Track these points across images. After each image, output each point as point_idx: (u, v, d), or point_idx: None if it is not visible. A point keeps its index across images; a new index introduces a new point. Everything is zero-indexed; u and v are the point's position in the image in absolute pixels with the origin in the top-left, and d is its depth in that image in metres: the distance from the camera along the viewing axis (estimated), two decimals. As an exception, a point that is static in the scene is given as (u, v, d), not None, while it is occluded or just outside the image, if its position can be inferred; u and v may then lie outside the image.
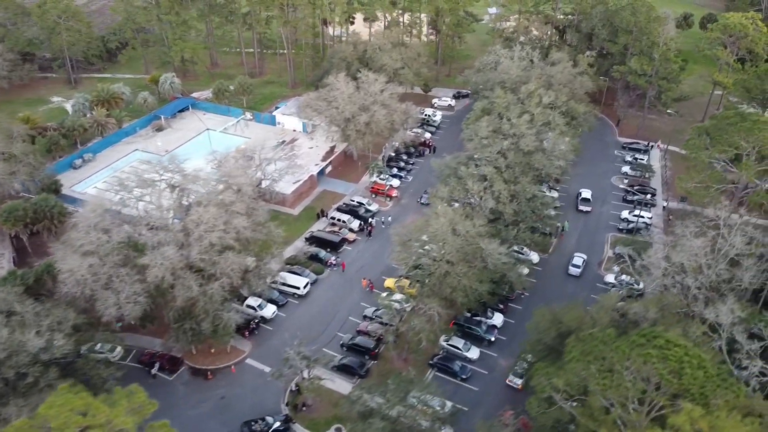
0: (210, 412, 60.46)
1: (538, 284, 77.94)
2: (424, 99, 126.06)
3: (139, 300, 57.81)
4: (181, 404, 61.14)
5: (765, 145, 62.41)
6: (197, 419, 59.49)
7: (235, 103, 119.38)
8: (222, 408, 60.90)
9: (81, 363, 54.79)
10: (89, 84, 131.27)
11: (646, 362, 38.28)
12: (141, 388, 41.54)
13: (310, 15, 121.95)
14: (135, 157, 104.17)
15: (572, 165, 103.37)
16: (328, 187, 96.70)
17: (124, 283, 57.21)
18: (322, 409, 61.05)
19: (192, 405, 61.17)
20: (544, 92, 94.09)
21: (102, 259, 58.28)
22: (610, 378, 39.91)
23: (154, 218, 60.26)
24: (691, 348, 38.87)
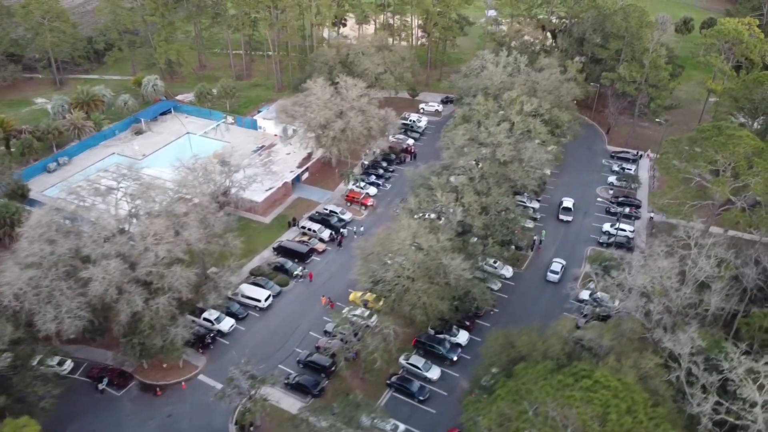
0: (155, 430, 58.50)
1: (510, 300, 75.29)
2: (412, 104, 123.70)
3: (79, 314, 55.91)
4: (126, 422, 59.28)
5: (740, 161, 59.20)
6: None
7: (218, 107, 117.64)
8: (168, 426, 58.92)
9: (17, 380, 53.01)
10: (75, 85, 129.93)
11: (569, 405, 35.51)
12: (33, 421, 39.28)
13: (296, 17, 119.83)
14: (112, 161, 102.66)
15: (557, 174, 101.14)
16: (303, 195, 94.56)
17: (64, 297, 55.34)
18: (271, 429, 58.90)
19: (138, 423, 59.27)
20: (526, 99, 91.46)
21: (45, 272, 56.49)
22: (533, 420, 37.06)
23: (99, 229, 58.29)
24: (623, 389, 36.00)
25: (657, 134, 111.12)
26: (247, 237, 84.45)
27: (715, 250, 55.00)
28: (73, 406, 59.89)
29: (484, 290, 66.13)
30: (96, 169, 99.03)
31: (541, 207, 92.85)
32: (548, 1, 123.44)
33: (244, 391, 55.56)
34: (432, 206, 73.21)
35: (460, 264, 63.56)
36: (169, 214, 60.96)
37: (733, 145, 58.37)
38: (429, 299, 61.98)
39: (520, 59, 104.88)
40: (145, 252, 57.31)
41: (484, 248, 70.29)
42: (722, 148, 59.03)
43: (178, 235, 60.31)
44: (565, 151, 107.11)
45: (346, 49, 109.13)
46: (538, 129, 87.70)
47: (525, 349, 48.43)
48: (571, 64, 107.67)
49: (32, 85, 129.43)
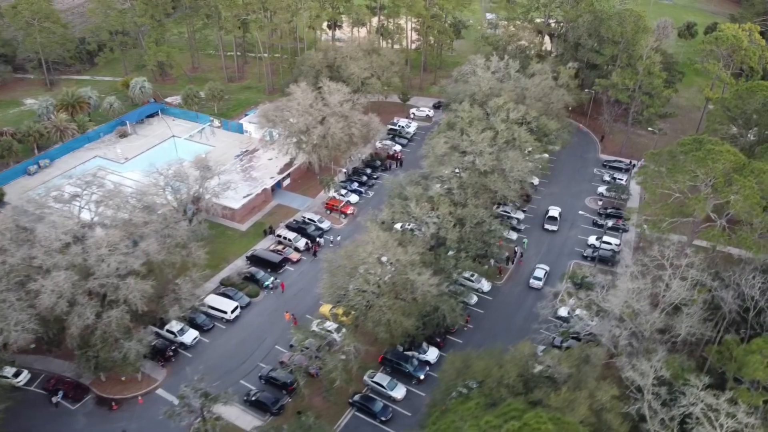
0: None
1: (486, 315, 72.89)
2: (403, 109, 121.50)
3: (28, 327, 54.38)
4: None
5: (719, 178, 56.23)
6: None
7: (205, 110, 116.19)
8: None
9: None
10: (66, 86, 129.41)
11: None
12: None
13: (286, 20, 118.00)
14: (95, 164, 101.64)
15: (546, 183, 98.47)
16: (283, 202, 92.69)
17: (12, 310, 53.85)
18: (226, 448, 57.09)
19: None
20: (513, 107, 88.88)
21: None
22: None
23: (52, 239, 56.68)
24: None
25: (652, 143, 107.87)
26: (222, 245, 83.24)
27: (691, 271, 52.17)
28: (25, 420, 58.48)
29: (454, 307, 63.69)
30: (78, 171, 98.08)
31: (527, 217, 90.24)
32: (546, 5, 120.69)
33: (196, 410, 53.68)
34: (406, 218, 71.00)
35: (428, 279, 61.25)
36: (126, 224, 59.25)
37: (712, 161, 55.42)
38: (393, 316, 59.71)
39: (512, 64, 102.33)
40: (98, 263, 55.67)
41: (457, 262, 67.84)
42: (701, 163, 56.10)
43: (135, 245, 58.65)
44: (556, 159, 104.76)
45: (333, 52, 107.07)
46: (523, 137, 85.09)
47: (481, 375, 46.09)
48: (564, 70, 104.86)
49: (24, 85, 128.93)
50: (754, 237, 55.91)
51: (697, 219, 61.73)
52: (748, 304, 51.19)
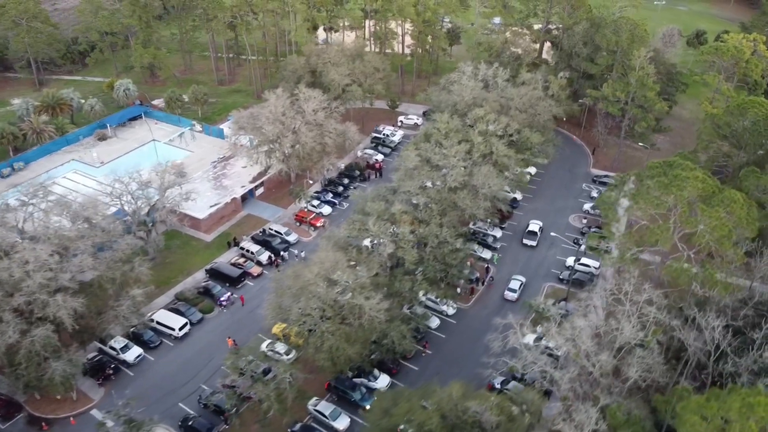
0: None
1: (447, 340, 69.12)
2: (391, 116, 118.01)
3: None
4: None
5: (684, 207, 51.61)
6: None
7: (189, 113, 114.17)
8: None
9: None
10: (56, 86, 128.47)
11: None
12: None
13: (272, 23, 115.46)
14: (71, 168, 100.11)
15: (530, 198, 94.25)
16: (254, 212, 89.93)
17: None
18: (153, 477, 54.32)
19: (13, 462, 55.53)
20: (494, 118, 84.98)
21: None
22: None
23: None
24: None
25: (646, 158, 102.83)
26: (184, 256, 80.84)
27: (651, 309, 47.89)
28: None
29: (404, 333, 60.16)
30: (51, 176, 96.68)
31: (506, 234, 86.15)
32: (543, 11, 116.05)
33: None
34: (363, 235, 67.60)
35: (377, 304, 57.77)
36: (60, 238, 56.90)
37: (678, 188, 50.89)
38: (336, 342, 56.36)
39: (500, 73, 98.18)
40: (24, 279, 53.37)
41: (413, 285, 64.23)
42: (665, 189, 51.62)
43: (66, 260, 56.25)
44: (543, 172, 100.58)
45: (316, 58, 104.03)
46: (501, 151, 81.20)
47: (400, 420, 42.57)
48: (554, 80, 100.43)
49: (13, 85, 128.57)
50: (724, 273, 51.25)
51: (664, 249, 57.22)
52: (709, 347, 46.79)
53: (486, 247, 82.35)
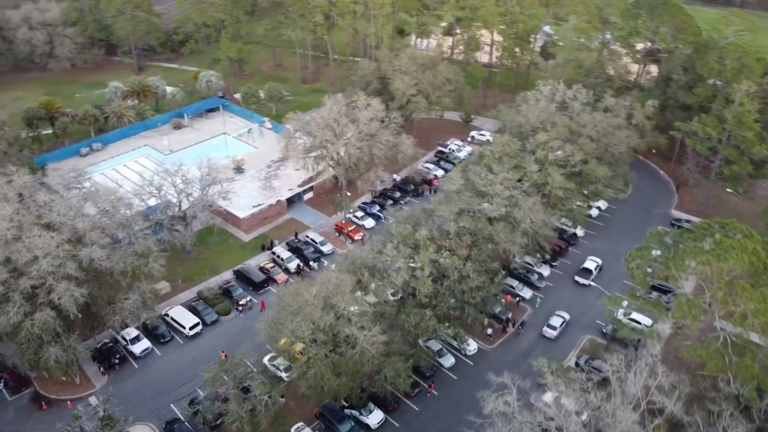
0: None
1: (459, 382, 63.78)
2: (464, 130, 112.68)
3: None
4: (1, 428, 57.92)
5: (720, 283, 42.52)
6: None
7: (264, 110, 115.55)
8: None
9: None
10: (154, 72, 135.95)
11: None
12: None
13: (351, 25, 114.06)
14: (143, 153, 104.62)
15: (594, 236, 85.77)
16: (297, 216, 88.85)
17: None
18: (126, 476, 54.35)
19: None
20: (558, 145, 77.94)
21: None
22: None
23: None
24: None
25: (745, 206, 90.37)
26: (217, 254, 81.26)
27: (657, 396, 40.43)
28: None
29: (399, 371, 55.84)
30: (126, 158, 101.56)
31: (556, 273, 78.66)
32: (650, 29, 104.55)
33: (91, 430, 51.27)
34: (379, 258, 63.89)
35: (372, 336, 54.00)
36: (74, 227, 58.36)
37: (717, 258, 42.30)
38: (321, 370, 53.26)
39: (579, 96, 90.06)
40: (32, 263, 55.17)
41: (421, 320, 59.63)
42: (701, 256, 43.10)
43: (77, 249, 57.53)
44: (616, 208, 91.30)
45: (387, 64, 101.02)
46: (556, 182, 74.07)
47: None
48: (639, 108, 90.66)
49: (116, 69, 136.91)
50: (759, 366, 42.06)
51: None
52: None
53: (528, 285, 75.66)
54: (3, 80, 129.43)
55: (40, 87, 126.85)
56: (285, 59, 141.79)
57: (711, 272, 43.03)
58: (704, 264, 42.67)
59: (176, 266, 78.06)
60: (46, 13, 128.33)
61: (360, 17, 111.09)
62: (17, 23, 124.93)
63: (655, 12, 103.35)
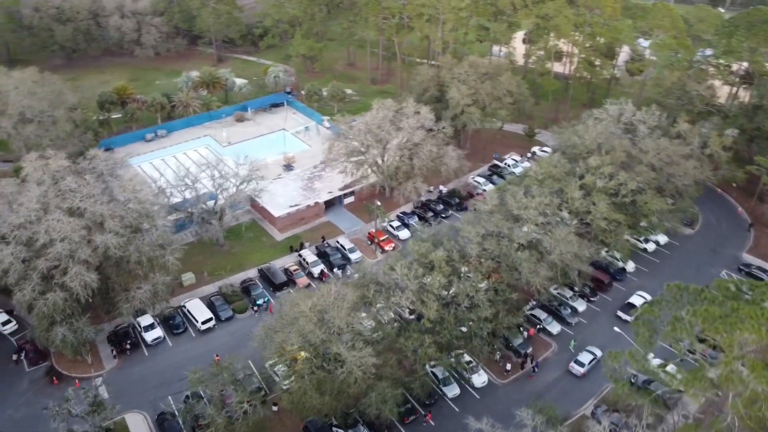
0: (21, 418, 58.88)
1: (460, 416, 59.69)
2: (527, 144, 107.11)
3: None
4: (9, 399, 60.82)
5: (728, 356, 35.74)
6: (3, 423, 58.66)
7: (325, 109, 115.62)
8: (33, 419, 58.85)
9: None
10: (232, 63, 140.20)
11: None
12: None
13: (419, 29, 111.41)
14: (203, 143, 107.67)
15: (645, 273, 78.53)
16: (334, 220, 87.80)
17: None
18: (112, 461, 55.60)
19: (17, 404, 60.32)
20: (612, 172, 72.01)
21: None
22: None
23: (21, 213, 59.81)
24: None
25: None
26: (248, 250, 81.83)
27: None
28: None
29: (386, 397, 53.19)
30: (185, 147, 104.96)
31: (591, 310, 72.62)
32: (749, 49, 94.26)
33: (78, 414, 52.69)
34: (389, 276, 61.37)
35: (362, 357, 51.75)
36: (93, 214, 60.29)
37: (727, 325, 35.87)
38: (304, 386, 51.74)
39: (648, 118, 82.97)
40: (49, 245, 57.56)
41: (419, 346, 56.56)
42: (711, 323, 36.73)
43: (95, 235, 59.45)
44: (677, 245, 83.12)
45: (447, 71, 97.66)
46: (600, 212, 68.28)
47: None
48: (715, 137, 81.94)
49: (198, 58, 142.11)
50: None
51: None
52: None
53: (558, 320, 70.30)
54: (94, 64, 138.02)
55: (126, 72, 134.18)
56: (359, 59, 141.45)
57: (721, 340, 36.80)
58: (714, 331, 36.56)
59: (207, 259, 79.45)
60: (137, 2, 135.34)
61: (428, 21, 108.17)
62: (111, 11, 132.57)
63: (753, 30, 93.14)
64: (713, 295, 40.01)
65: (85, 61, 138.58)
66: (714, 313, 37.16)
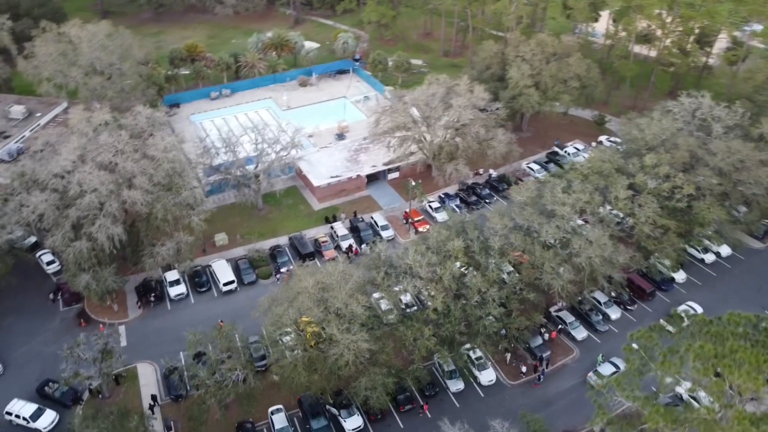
0: (48, 355, 62.73)
1: (459, 413, 57.72)
2: (595, 133, 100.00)
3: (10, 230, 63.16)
4: (39, 332, 64.97)
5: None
6: (29, 355, 62.92)
7: (389, 79, 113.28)
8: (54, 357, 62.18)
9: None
10: (308, 26, 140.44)
11: None
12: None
13: (492, 2, 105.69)
14: (265, 105, 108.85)
15: (699, 287, 71.83)
16: (374, 194, 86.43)
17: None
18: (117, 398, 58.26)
19: (45, 339, 64.25)
20: (669, 173, 65.88)
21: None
22: None
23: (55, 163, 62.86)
24: None
25: None
26: (284, 218, 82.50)
27: None
28: (23, 294, 68.83)
29: (375, 384, 52.07)
30: (247, 108, 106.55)
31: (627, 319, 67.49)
32: None
33: (87, 358, 55.55)
34: (402, 261, 59.56)
35: (356, 341, 50.80)
36: (122, 170, 62.32)
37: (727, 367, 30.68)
38: (294, 362, 51.71)
39: (728, 115, 74.91)
40: (79, 196, 60.27)
41: (418, 336, 54.71)
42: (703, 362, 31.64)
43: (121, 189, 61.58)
44: (742, 259, 75.68)
45: (512, 49, 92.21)
46: (645, 215, 62.84)
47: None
48: (802, 143, 72.62)
49: (276, 19, 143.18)
50: None
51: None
52: None
53: (587, 325, 65.96)
54: (179, 19, 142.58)
55: (206, 29, 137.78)
56: (435, 28, 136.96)
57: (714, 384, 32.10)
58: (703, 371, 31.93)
59: (243, 221, 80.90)
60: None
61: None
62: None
63: None
64: (720, 330, 35.19)
65: (171, 17, 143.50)
66: (709, 352, 32.66)
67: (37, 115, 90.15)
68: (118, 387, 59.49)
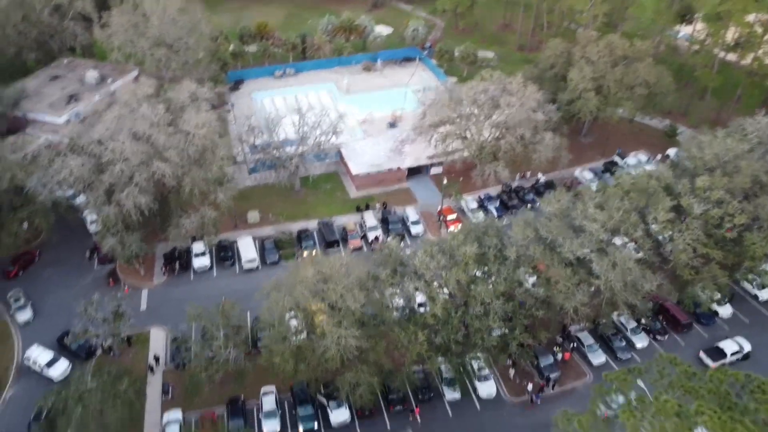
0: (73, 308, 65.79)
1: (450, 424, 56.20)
2: (664, 144, 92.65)
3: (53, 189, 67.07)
4: (75, 288, 68.55)
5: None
6: (59, 306, 66.81)
7: (455, 71, 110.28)
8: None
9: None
10: (388, 10, 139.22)
11: None
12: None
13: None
14: (326, 88, 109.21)
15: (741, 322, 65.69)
16: (414, 188, 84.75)
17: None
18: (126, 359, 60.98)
19: (77, 294, 67.20)
20: (721, 198, 60.11)
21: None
22: None
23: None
24: None
25: None
26: (319, 203, 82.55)
27: None
28: (66, 249, 73.37)
29: (360, 381, 51.18)
30: (308, 89, 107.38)
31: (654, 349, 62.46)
32: None
33: (98, 318, 58.30)
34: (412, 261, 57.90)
35: (344, 337, 50.18)
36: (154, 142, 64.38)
37: (691, 423, 26.54)
38: (283, 349, 51.81)
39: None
40: (111, 163, 63.03)
41: (411, 341, 53.00)
42: (666, 420, 27.61)
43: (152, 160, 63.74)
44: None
45: (580, 48, 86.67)
46: (683, 241, 57.64)
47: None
48: None
49: (355, 2, 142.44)
50: None
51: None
52: None
53: (608, 352, 61.70)
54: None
55: (286, 8, 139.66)
56: (516, 21, 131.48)
57: None
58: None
59: (279, 202, 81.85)
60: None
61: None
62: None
63: None
64: (696, 386, 31.06)
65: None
66: (671, 410, 28.93)
67: (109, 81, 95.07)
68: (129, 348, 62.13)
